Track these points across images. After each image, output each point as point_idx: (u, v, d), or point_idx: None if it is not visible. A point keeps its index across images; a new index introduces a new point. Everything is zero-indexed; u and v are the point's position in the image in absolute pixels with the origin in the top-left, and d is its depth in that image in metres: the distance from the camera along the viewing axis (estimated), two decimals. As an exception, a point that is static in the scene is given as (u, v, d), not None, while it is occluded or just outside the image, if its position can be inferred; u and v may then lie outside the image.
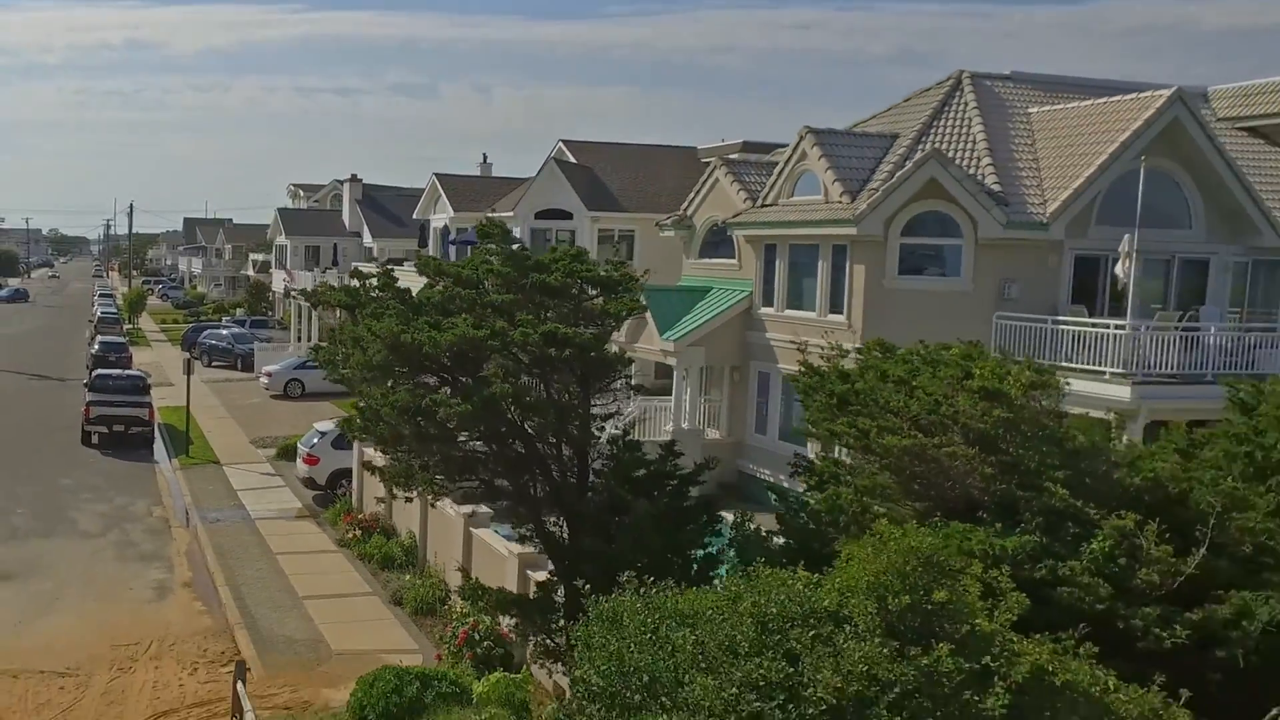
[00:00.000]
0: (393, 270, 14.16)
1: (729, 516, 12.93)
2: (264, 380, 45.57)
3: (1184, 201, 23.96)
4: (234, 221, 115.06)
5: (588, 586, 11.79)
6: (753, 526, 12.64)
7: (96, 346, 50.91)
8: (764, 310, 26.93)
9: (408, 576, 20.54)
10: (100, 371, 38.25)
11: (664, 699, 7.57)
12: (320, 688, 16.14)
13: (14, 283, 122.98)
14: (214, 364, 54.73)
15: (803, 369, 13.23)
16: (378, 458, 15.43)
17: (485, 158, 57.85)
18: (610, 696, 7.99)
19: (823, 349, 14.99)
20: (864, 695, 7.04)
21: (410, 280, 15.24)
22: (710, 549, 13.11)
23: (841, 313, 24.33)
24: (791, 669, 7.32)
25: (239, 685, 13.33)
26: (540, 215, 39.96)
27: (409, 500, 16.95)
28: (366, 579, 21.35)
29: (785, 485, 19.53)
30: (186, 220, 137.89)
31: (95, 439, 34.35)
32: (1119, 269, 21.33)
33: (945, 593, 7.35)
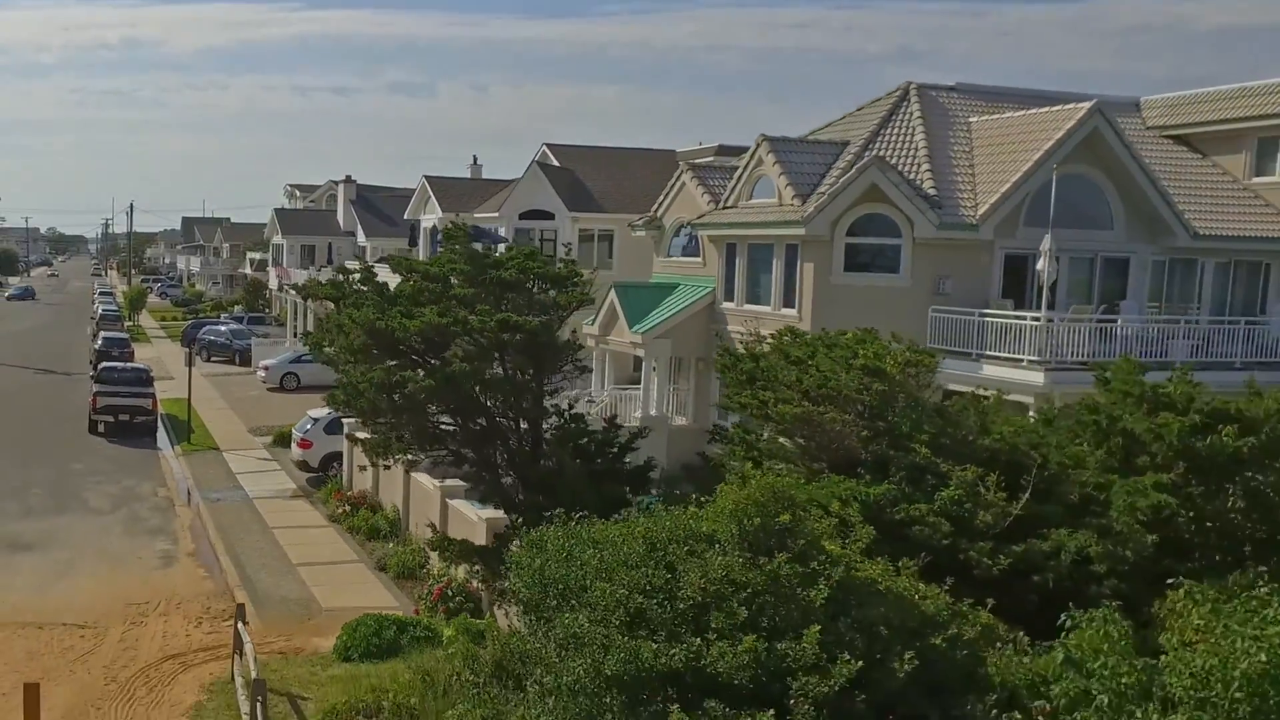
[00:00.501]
0: (372, 267, 16.28)
1: (655, 476, 15.04)
2: (261, 374, 47.66)
3: (1106, 205, 26.04)
4: (232, 221, 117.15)
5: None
6: (680, 491, 14.75)
7: (100, 342, 52.96)
8: (726, 305, 29.00)
9: (391, 545, 22.67)
10: (106, 364, 40.32)
11: (573, 602, 9.67)
12: (311, 637, 18.23)
13: (14, 281, 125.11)
14: (213, 359, 56.78)
15: (720, 352, 15.36)
16: (361, 431, 17.53)
17: (475, 159, 59.97)
18: (535, 604, 10.11)
19: (773, 338, 17.10)
20: (722, 593, 9.15)
21: (389, 276, 17.38)
22: (646, 505, 15.20)
23: (793, 307, 26.40)
24: (670, 575, 9.42)
25: (239, 625, 15.43)
26: (524, 216, 41.98)
27: (387, 468, 19.04)
28: (354, 549, 23.45)
29: (735, 463, 21.63)
30: (185, 219, 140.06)
31: (101, 428, 36.39)
32: (1040, 266, 23.44)
33: (788, 515, 9.45)
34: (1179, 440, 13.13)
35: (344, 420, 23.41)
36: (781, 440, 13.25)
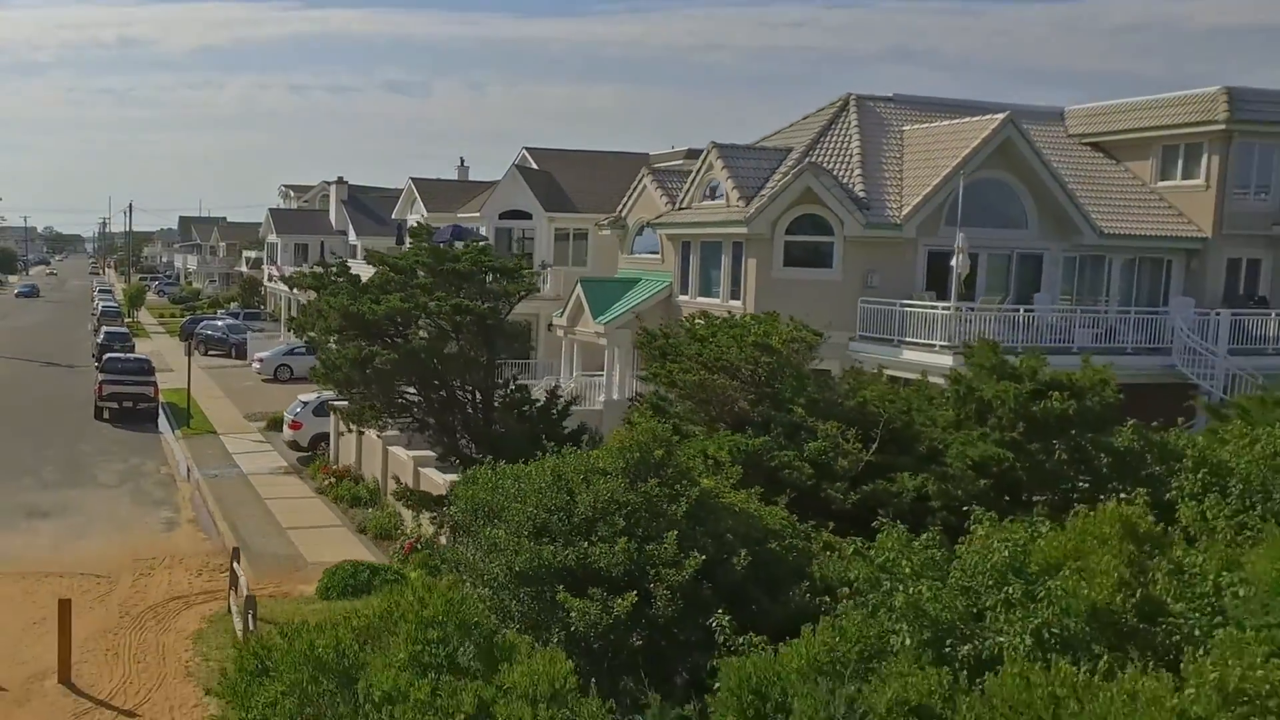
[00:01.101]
0: (346, 261, 18.95)
1: (586, 438, 17.72)
2: (256, 365, 50.29)
3: (1021, 206, 28.71)
4: (228, 220, 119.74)
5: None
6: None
7: (102, 336, 55.54)
8: (681, 297, 31.64)
9: (371, 511, 25.32)
10: (110, 355, 42.99)
11: (495, 520, 12.34)
12: (297, 584, 20.87)
13: (14, 280, 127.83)
14: (210, 353, 59.38)
15: (637, 331, 18.03)
16: (339, 402, 20.20)
17: (462, 161, 62.73)
18: (466, 524, 12.78)
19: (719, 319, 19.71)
20: (607, 509, 11.81)
21: (366, 269, 20.03)
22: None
23: (739, 299, 29.02)
24: (569, 498, 12.08)
25: (234, 564, 18.07)
26: (504, 216, 44.65)
27: (361, 433, 21.69)
28: (338, 515, 26.09)
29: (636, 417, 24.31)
30: (182, 219, 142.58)
31: (107, 414, 38.98)
32: (954, 262, 26.13)
33: (661, 451, 12.10)
34: (1017, 404, 15.83)
35: (331, 404, 26.03)
36: (686, 402, 15.91)
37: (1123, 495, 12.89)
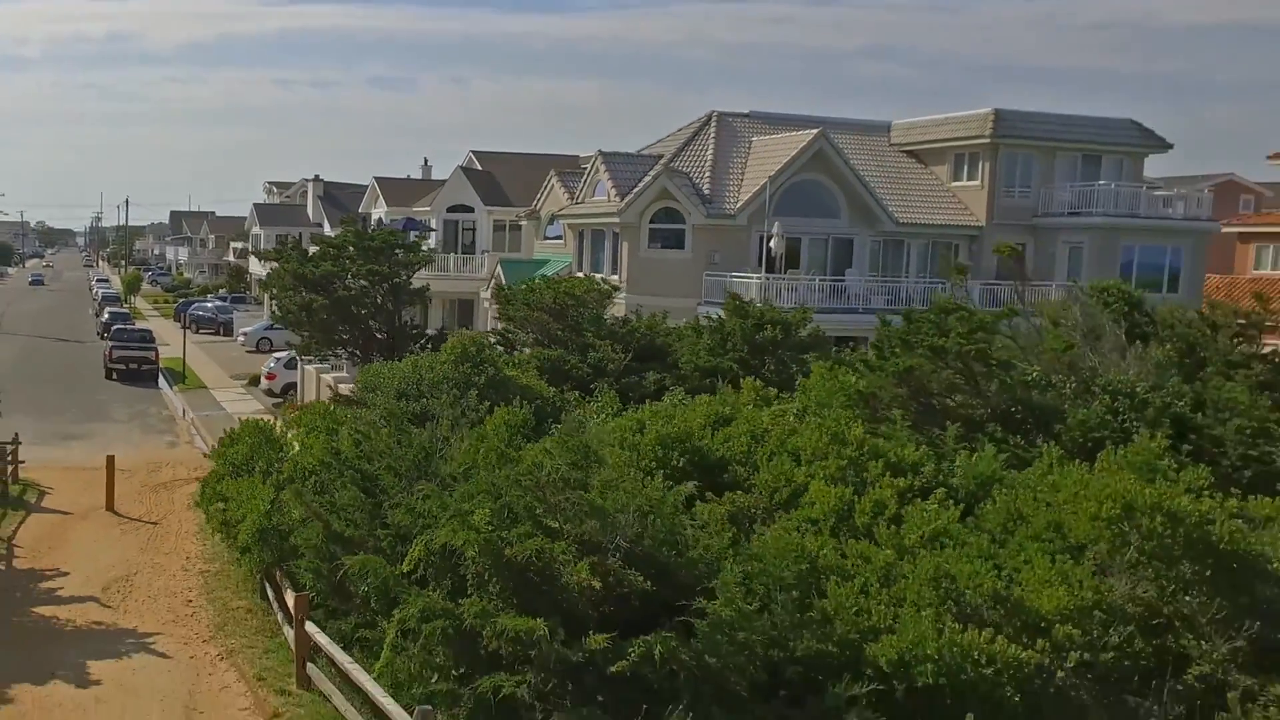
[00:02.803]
0: (300, 242, 26.99)
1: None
2: (241, 339, 58.33)
3: (835, 200, 36.81)
4: (216, 214, 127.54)
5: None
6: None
7: (106, 315, 63.55)
8: (578, 274, 39.61)
9: (325, 432, 33.42)
10: (118, 326, 51.07)
11: (379, 390, 20.44)
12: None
13: (12, 271, 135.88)
14: (201, 331, 67.30)
15: (494, 289, 26.07)
16: (294, 340, 28.29)
17: (426, 161, 70.82)
18: (360, 398, 20.92)
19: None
20: (441, 378, 19.91)
21: (315, 249, 28.10)
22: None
23: (617, 274, 37.14)
24: (419, 375, 20.19)
25: (220, 449, 26.11)
26: (450, 210, 52.60)
27: (309, 363, 29.72)
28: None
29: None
30: (173, 213, 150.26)
31: (115, 375, 47.00)
32: (772, 244, 34.26)
33: (475, 350, 20.15)
34: (744, 333, 23.99)
35: (288, 342, 34.02)
36: (519, 333, 24.01)
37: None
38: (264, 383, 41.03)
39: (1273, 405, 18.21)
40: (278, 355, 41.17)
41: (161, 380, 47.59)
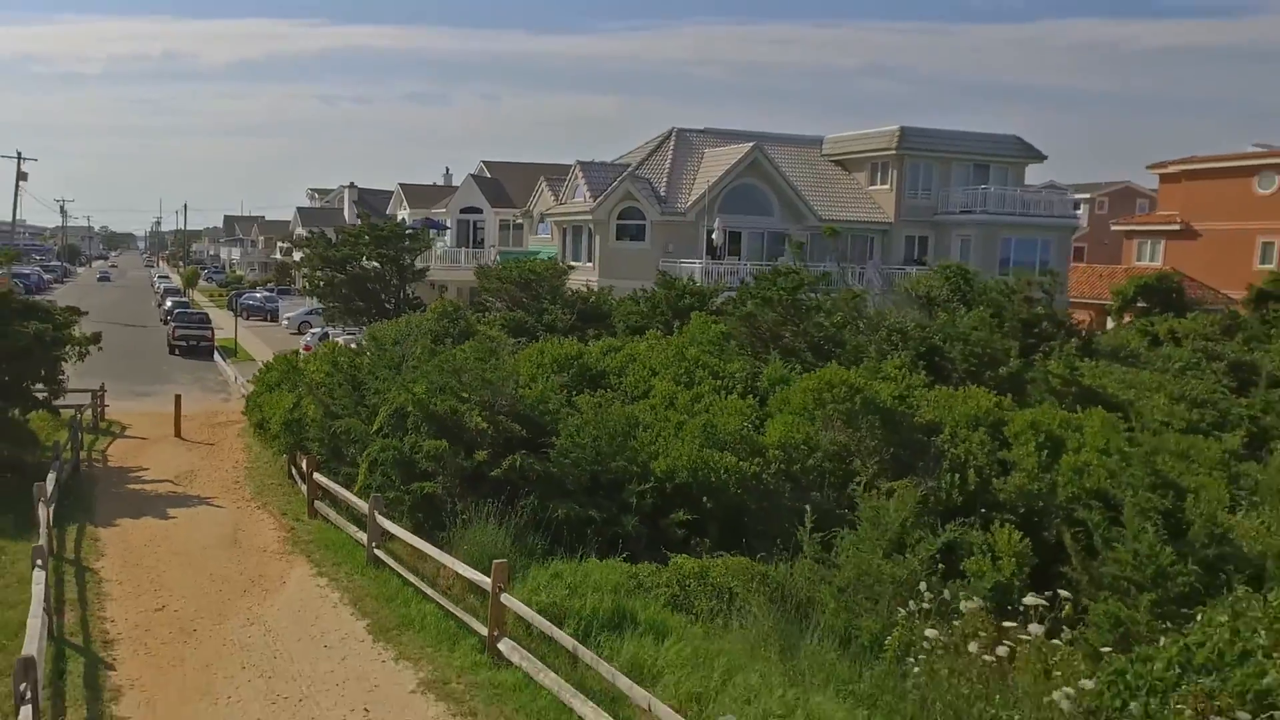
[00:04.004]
0: (325, 233, 34.99)
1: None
2: (285, 322, 66.67)
3: (770, 201, 44.28)
4: (266, 218, 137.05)
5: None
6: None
7: (169, 304, 72.27)
8: (562, 264, 47.40)
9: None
10: (179, 310, 59.56)
11: (377, 340, 28.31)
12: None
13: (81, 271, 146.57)
14: (251, 318, 75.92)
15: (478, 269, 33.86)
16: (323, 310, 36.32)
17: (448, 170, 79.11)
18: (367, 347, 28.88)
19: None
20: (421, 331, 27.74)
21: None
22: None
23: (593, 264, 44.87)
24: (410, 329, 28.03)
25: (264, 392, 34.20)
26: (463, 211, 60.74)
27: (335, 327, 37.71)
28: (329, 394, 42.16)
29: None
30: (226, 218, 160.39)
31: (177, 351, 55.40)
32: (714, 237, 41.81)
33: (455, 311, 27.88)
34: (668, 303, 31.62)
35: (328, 331, 42.08)
36: (496, 302, 31.80)
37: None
38: (302, 354, 49.20)
39: (1016, 339, 25.88)
40: (314, 330, 49.33)
41: (216, 355, 55.93)
